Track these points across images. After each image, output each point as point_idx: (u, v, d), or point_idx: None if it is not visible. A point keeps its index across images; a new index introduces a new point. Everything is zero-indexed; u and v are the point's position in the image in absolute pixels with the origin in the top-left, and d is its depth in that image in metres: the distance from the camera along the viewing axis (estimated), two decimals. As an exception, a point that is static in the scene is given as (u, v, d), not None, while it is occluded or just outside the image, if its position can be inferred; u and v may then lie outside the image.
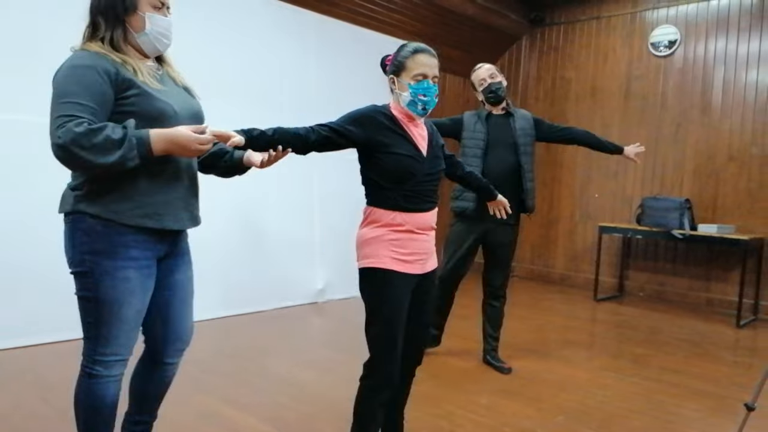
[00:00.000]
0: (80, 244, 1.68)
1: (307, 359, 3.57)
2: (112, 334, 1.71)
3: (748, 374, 3.65)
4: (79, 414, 1.79)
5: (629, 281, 6.19)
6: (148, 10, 1.71)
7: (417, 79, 2.01)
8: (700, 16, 5.69)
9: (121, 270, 1.68)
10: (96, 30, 1.70)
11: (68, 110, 1.53)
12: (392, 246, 2.00)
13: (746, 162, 5.43)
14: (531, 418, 2.78)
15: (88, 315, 1.71)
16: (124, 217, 1.66)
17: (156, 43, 1.76)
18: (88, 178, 1.67)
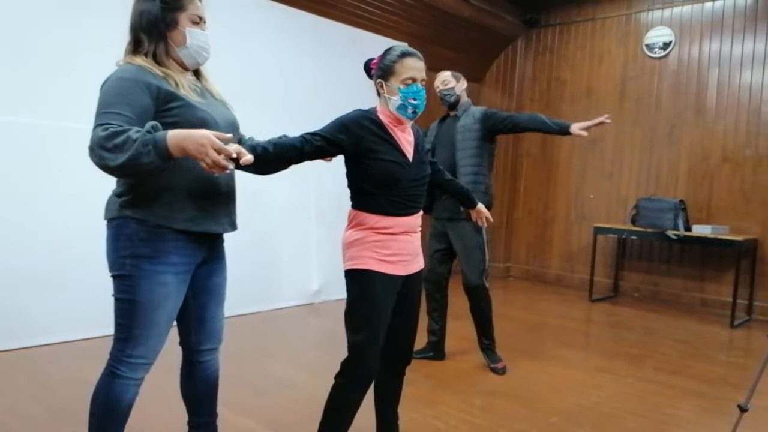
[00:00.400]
0: (123, 248, 1.74)
1: (305, 361, 3.58)
2: (143, 336, 1.77)
3: (741, 375, 3.67)
4: (94, 412, 1.83)
5: (624, 282, 6.22)
6: (188, 25, 1.80)
7: (407, 83, 2.01)
8: (695, 17, 5.72)
9: (160, 275, 1.74)
10: (139, 45, 1.78)
11: (104, 119, 1.59)
12: (375, 247, 2.02)
13: (740, 163, 5.46)
14: (526, 419, 2.79)
15: (123, 317, 1.77)
16: (169, 221, 1.73)
17: (196, 57, 1.84)
18: (134, 185, 1.73)
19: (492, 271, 7.03)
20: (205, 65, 1.93)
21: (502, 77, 7.05)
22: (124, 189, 1.75)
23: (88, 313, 3.70)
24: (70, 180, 3.64)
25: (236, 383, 3.11)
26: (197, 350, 2.00)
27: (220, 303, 2.04)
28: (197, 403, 2.08)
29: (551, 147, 6.75)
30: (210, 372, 2.06)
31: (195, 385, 2.05)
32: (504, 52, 7.00)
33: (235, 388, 3.03)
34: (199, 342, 1.99)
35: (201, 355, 2.02)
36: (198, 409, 2.08)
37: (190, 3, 1.80)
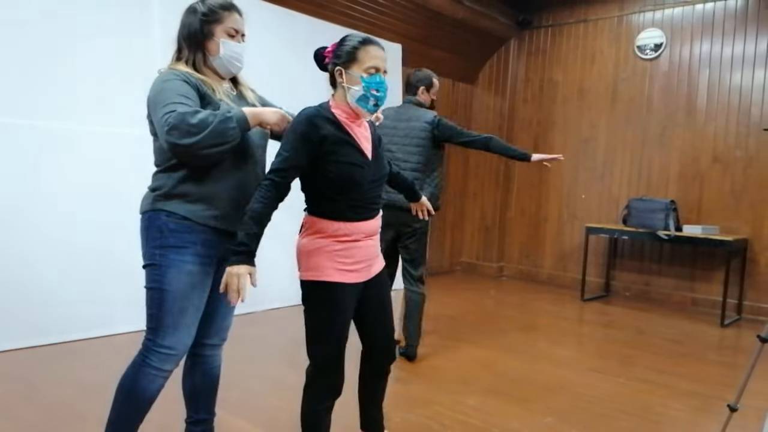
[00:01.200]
0: (153, 239, 1.86)
1: (298, 361, 3.57)
2: (171, 326, 1.86)
3: (732, 374, 3.72)
4: (118, 399, 1.91)
5: (615, 281, 6.26)
6: (223, 37, 1.93)
7: (370, 72, 1.86)
8: (686, 19, 5.76)
9: (187, 264, 1.86)
10: (180, 53, 1.94)
11: (170, 108, 1.72)
12: (337, 257, 1.89)
13: (730, 164, 5.51)
14: (519, 419, 2.81)
15: (153, 306, 1.87)
16: (197, 216, 1.85)
17: (229, 66, 1.96)
18: (169, 181, 1.85)
19: (485, 271, 7.08)
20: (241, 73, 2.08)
21: (495, 78, 7.08)
22: (158, 184, 1.87)
23: (81, 315, 3.69)
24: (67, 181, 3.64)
25: (230, 384, 3.11)
26: (201, 344, 2.07)
27: None
28: (197, 399, 2.14)
29: (543, 148, 6.77)
30: (212, 368, 2.15)
31: (196, 379, 2.12)
32: (497, 53, 7.03)
33: (228, 389, 3.03)
34: (204, 336, 2.07)
35: (205, 349, 2.10)
36: (197, 405, 2.14)
37: (228, 17, 1.93)
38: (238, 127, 1.76)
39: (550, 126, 6.71)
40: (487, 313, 5.26)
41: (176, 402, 2.78)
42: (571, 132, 6.54)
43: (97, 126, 3.78)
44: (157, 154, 1.91)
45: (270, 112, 1.87)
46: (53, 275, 3.58)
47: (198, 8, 1.92)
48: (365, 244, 1.96)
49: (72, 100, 3.68)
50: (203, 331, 2.04)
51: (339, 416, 2.18)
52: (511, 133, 7.02)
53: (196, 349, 2.07)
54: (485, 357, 3.80)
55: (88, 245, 3.76)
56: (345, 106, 1.91)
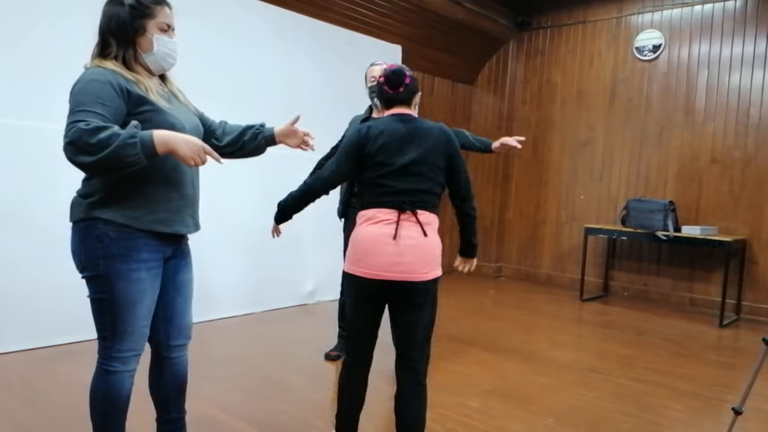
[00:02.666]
0: (93, 249, 1.77)
1: (300, 363, 3.58)
2: (128, 331, 1.82)
3: (731, 375, 3.73)
4: (96, 409, 1.88)
5: (614, 281, 6.28)
6: (156, 32, 1.83)
7: None
8: (684, 20, 5.78)
9: (134, 272, 1.80)
10: (106, 48, 1.81)
11: (81, 117, 1.61)
12: None
13: (729, 165, 5.53)
14: (522, 421, 2.82)
15: (104, 315, 1.82)
16: (138, 222, 1.78)
17: (162, 63, 1.88)
18: (103, 187, 1.76)
19: (483, 271, 7.09)
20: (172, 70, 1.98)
21: (493, 79, 7.09)
22: (91, 190, 1.78)
23: (82, 316, 3.68)
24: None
25: (231, 386, 3.12)
26: (166, 345, 2.04)
27: (187, 299, 2.09)
28: (166, 399, 2.11)
29: (542, 149, 6.79)
30: (179, 368, 2.10)
31: (164, 381, 2.08)
32: (496, 55, 7.04)
33: (230, 391, 3.04)
34: (168, 337, 2.03)
35: (170, 350, 2.05)
36: (167, 405, 2.11)
37: (160, 11, 1.84)
38: (141, 153, 1.59)
39: (549, 127, 6.73)
40: (487, 313, 5.27)
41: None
42: (570, 133, 6.56)
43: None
44: None
45: (184, 142, 1.66)
46: (54, 276, 3.57)
47: (124, 0, 1.80)
48: None
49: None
50: (166, 333, 2.02)
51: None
52: (510, 134, 7.01)
53: (163, 352, 2.04)
54: (486, 358, 3.81)
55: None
56: None
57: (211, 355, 3.62)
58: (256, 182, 4.64)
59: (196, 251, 4.58)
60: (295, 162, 4.92)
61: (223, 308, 4.47)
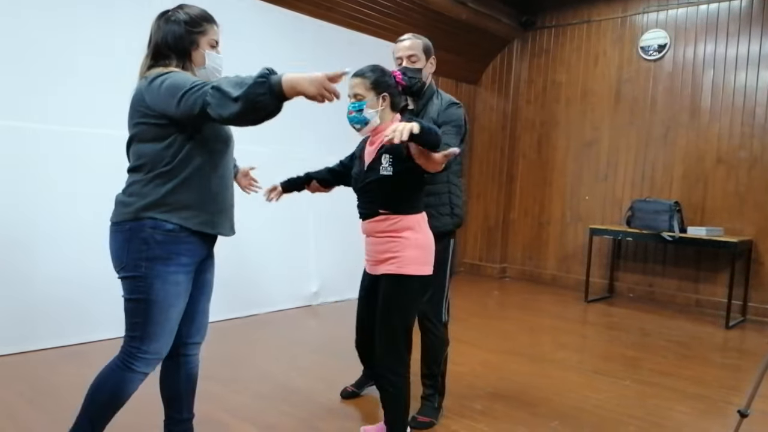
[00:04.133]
0: (137, 250, 1.83)
1: (304, 365, 3.58)
2: (158, 333, 1.88)
3: (737, 376, 3.71)
4: (95, 400, 1.91)
5: (619, 282, 6.26)
6: (207, 48, 1.97)
7: (350, 99, 2.24)
8: (690, 20, 5.75)
9: (173, 275, 1.86)
10: (164, 60, 1.91)
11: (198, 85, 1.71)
12: None
13: (734, 165, 5.50)
14: (526, 423, 2.81)
15: (138, 315, 1.86)
16: (189, 223, 1.87)
17: (210, 76, 1.97)
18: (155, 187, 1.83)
19: (488, 272, 7.08)
20: None
21: (498, 79, 7.07)
22: (143, 191, 1.85)
23: (86, 317, 3.69)
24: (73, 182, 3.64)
25: (236, 387, 3.12)
26: (185, 343, 2.07)
27: (209, 298, 2.15)
28: (180, 400, 2.13)
29: (547, 148, 6.78)
30: (192, 366, 2.15)
31: (179, 380, 2.11)
32: (500, 54, 7.02)
33: (234, 393, 3.04)
34: (187, 335, 2.07)
35: (187, 348, 2.09)
36: (181, 406, 2.14)
37: (210, 29, 1.97)
38: (269, 94, 1.61)
39: (554, 127, 6.71)
40: (491, 314, 5.26)
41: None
42: (575, 133, 6.54)
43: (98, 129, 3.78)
44: (145, 159, 1.86)
45: (309, 82, 1.66)
46: (56, 277, 3.58)
47: (178, 17, 1.92)
48: (367, 240, 2.33)
49: (70, 103, 3.68)
50: (186, 330, 2.05)
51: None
52: (514, 134, 7.02)
53: (179, 350, 2.07)
54: (490, 360, 3.80)
55: (93, 246, 3.75)
56: None
57: (216, 357, 3.62)
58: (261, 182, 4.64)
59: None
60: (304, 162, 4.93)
61: (226, 309, 4.46)
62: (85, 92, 3.71)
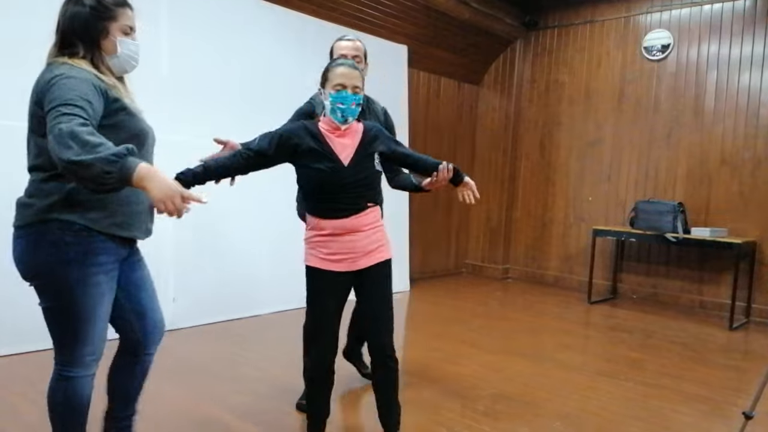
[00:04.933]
0: (48, 255, 1.72)
1: (305, 365, 3.57)
2: (89, 335, 1.79)
3: (741, 378, 3.69)
4: (57, 416, 1.86)
5: (622, 284, 6.23)
6: (119, 35, 1.82)
7: (336, 89, 2.15)
8: (693, 20, 5.73)
9: (92, 276, 1.75)
10: (70, 48, 1.76)
11: (72, 111, 1.56)
12: (318, 246, 2.23)
13: (738, 166, 5.48)
14: (529, 424, 2.80)
15: (63, 322, 1.77)
16: (97, 225, 1.74)
17: (125, 65, 1.87)
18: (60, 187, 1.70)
19: (490, 273, 7.06)
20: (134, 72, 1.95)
21: (500, 79, 7.05)
22: (47, 191, 1.71)
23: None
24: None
25: (237, 387, 3.11)
26: (144, 343, 2.01)
27: (153, 294, 2.05)
28: (129, 397, 2.07)
29: (549, 149, 6.76)
30: (149, 366, 2.08)
31: (134, 379, 2.05)
32: (503, 54, 7.00)
33: (236, 394, 3.03)
34: (145, 334, 2.01)
35: (148, 347, 2.04)
36: (127, 403, 2.07)
37: (122, 14, 1.82)
38: (117, 176, 1.49)
39: (556, 127, 6.69)
40: (494, 315, 5.24)
41: (185, 403, 2.78)
42: (578, 133, 6.52)
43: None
44: (45, 156, 1.68)
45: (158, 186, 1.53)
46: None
47: (84, 0, 1.76)
48: (346, 238, 2.20)
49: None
50: (143, 331, 1.99)
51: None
52: (516, 134, 7.00)
53: (137, 349, 2.01)
54: (493, 361, 3.78)
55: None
56: (328, 119, 2.21)
57: (217, 357, 3.62)
58: (262, 185, 4.64)
59: (200, 252, 4.59)
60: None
61: (227, 310, 4.46)
62: None
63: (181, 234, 4.14)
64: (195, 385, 3.12)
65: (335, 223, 2.19)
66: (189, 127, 4.19)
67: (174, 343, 3.83)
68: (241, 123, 4.53)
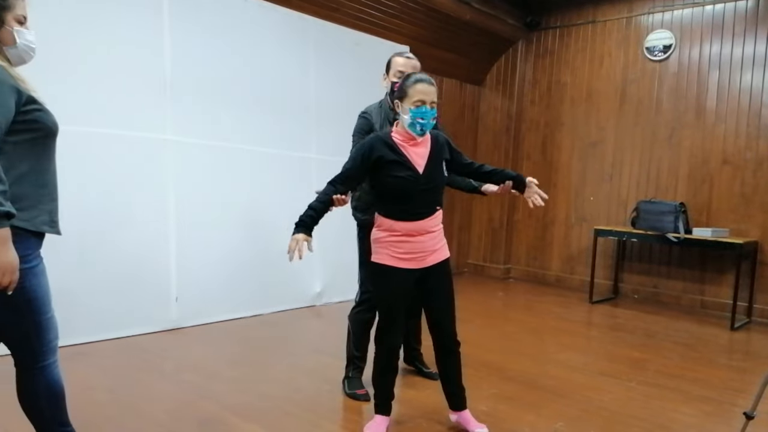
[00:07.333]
0: None
1: (308, 365, 3.58)
2: (51, 322, 1.87)
3: (743, 378, 3.69)
4: (46, 408, 1.91)
5: (624, 284, 6.24)
6: (15, 25, 1.78)
7: (417, 104, 2.36)
8: (695, 21, 5.73)
9: (38, 266, 1.81)
10: None
11: None
12: (391, 246, 2.45)
13: (740, 166, 5.48)
14: (531, 424, 2.80)
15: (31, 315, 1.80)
16: (31, 225, 1.77)
17: (24, 56, 1.84)
18: None
19: (492, 273, 7.07)
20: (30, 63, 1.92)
21: (502, 80, 7.06)
22: None
23: (89, 318, 3.70)
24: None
25: (240, 387, 3.12)
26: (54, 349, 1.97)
27: None
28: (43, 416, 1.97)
29: (551, 149, 6.76)
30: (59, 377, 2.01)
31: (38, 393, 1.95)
32: (504, 55, 7.01)
33: (239, 393, 3.04)
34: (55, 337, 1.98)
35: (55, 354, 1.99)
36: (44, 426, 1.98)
37: (17, 3, 1.79)
38: None
39: (558, 127, 6.69)
40: (495, 315, 5.25)
41: (187, 403, 2.79)
42: (579, 134, 6.52)
43: (104, 128, 3.80)
44: None
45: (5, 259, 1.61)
46: (59, 278, 3.58)
47: None
48: (417, 239, 2.45)
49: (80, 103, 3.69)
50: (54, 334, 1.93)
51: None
52: (518, 135, 7.01)
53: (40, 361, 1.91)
54: (495, 361, 3.79)
55: (97, 247, 3.76)
56: (403, 131, 2.44)
57: (219, 357, 3.63)
58: (264, 183, 4.65)
59: (207, 253, 4.59)
60: (306, 164, 4.94)
61: (231, 310, 4.47)
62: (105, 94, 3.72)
63: (183, 234, 4.15)
64: (195, 384, 3.13)
65: (409, 225, 2.43)
66: (190, 127, 4.21)
67: (175, 342, 3.84)
68: (242, 123, 4.55)
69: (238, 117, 4.49)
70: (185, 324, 4.15)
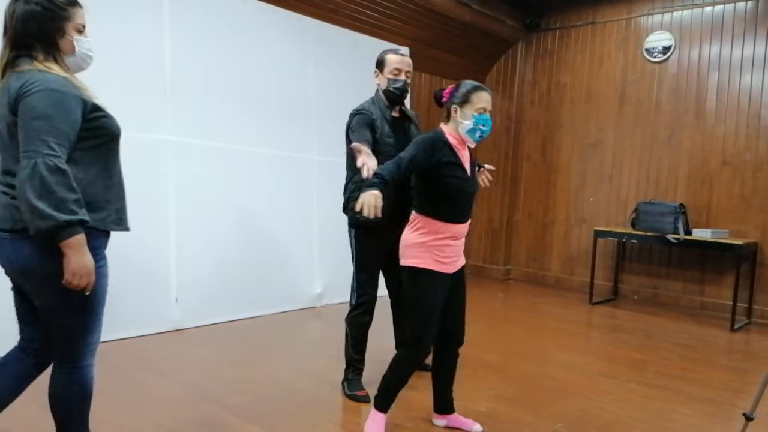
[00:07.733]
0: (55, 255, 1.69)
1: (308, 366, 3.58)
2: (98, 324, 1.88)
3: (743, 379, 3.70)
4: (74, 408, 1.90)
5: (624, 285, 6.24)
6: (75, 34, 1.82)
7: (480, 111, 2.43)
8: (694, 22, 5.74)
9: (103, 267, 1.83)
10: (27, 50, 1.73)
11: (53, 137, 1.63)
12: (434, 250, 2.44)
13: (740, 167, 5.48)
14: (530, 425, 2.81)
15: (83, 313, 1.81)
16: (102, 224, 1.81)
17: (82, 64, 1.88)
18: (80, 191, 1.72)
19: (492, 274, 7.07)
20: None
21: (502, 81, 7.06)
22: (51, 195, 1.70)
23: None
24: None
25: (240, 388, 3.12)
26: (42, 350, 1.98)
27: None
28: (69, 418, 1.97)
29: (551, 150, 6.77)
30: None
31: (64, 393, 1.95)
32: (504, 56, 7.02)
33: (239, 394, 3.04)
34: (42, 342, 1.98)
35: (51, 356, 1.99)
36: None
37: (76, 12, 1.82)
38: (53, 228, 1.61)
39: (558, 128, 6.70)
40: (495, 316, 5.25)
41: (187, 404, 2.79)
42: (579, 135, 6.53)
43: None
44: None
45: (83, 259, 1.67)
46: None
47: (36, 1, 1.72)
48: (455, 242, 2.50)
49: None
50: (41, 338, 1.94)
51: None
52: (518, 136, 7.01)
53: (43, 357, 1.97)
54: (495, 362, 3.79)
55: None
56: (456, 135, 2.47)
57: (219, 358, 3.63)
58: (265, 184, 4.66)
59: (207, 254, 4.60)
60: (309, 165, 4.94)
61: (231, 311, 4.47)
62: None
63: (183, 234, 4.16)
64: (196, 385, 3.13)
65: (456, 228, 2.47)
66: (190, 128, 4.21)
67: (176, 343, 3.84)
68: (242, 124, 4.55)
69: (238, 118, 4.50)
70: (185, 325, 4.14)
